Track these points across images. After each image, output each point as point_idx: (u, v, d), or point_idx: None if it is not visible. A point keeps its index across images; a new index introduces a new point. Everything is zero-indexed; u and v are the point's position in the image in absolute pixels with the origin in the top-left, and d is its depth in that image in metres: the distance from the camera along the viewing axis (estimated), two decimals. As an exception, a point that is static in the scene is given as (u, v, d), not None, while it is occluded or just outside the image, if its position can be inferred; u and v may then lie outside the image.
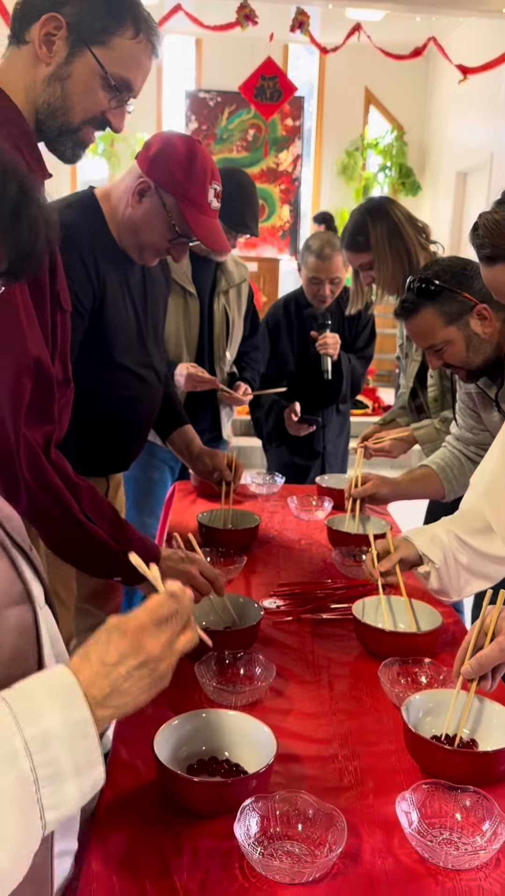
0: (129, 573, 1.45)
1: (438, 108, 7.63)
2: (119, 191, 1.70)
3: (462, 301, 1.71)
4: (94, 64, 1.29)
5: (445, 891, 0.91)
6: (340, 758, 1.16)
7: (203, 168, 1.63)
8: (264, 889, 0.90)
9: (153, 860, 0.93)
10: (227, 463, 2.21)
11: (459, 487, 1.99)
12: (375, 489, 2.03)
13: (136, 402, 1.86)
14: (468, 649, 1.14)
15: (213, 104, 7.59)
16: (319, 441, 3.06)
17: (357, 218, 2.28)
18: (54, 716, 0.72)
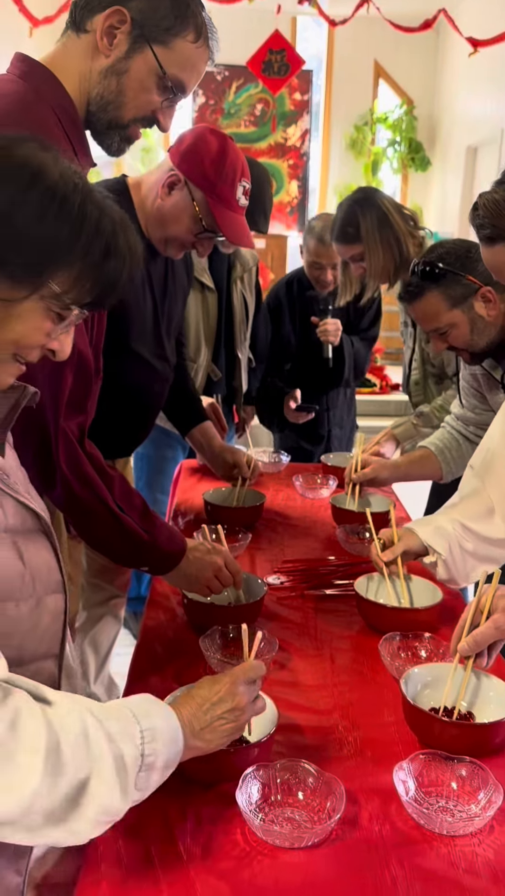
0: (155, 564, 1.47)
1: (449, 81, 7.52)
2: (150, 182, 1.71)
3: (466, 284, 1.71)
4: (154, 62, 1.28)
5: (439, 856, 0.94)
6: (341, 728, 1.19)
7: (234, 165, 1.64)
8: (265, 853, 0.93)
9: (158, 826, 0.96)
10: (246, 461, 2.24)
11: (456, 469, 2.01)
12: (374, 473, 2.05)
13: (147, 391, 1.88)
14: (465, 627, 1.16)
15: (220, 78, 7.51)
16: (323, 425, 3.07)
17: (346, 210, 2.29)
18: (159, 718, 0.87)
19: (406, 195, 7.98)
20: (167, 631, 1.49)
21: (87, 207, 0.85)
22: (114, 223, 0.87)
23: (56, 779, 0.76)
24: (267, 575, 1.73)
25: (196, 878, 0.89)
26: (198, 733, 0.93)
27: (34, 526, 0.96)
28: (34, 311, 0.84)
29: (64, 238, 0.83)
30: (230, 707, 0.96)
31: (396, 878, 0.90)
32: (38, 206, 0.81)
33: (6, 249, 0.80)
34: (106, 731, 0.81)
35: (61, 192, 0.83)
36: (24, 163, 0.83)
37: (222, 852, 0.93)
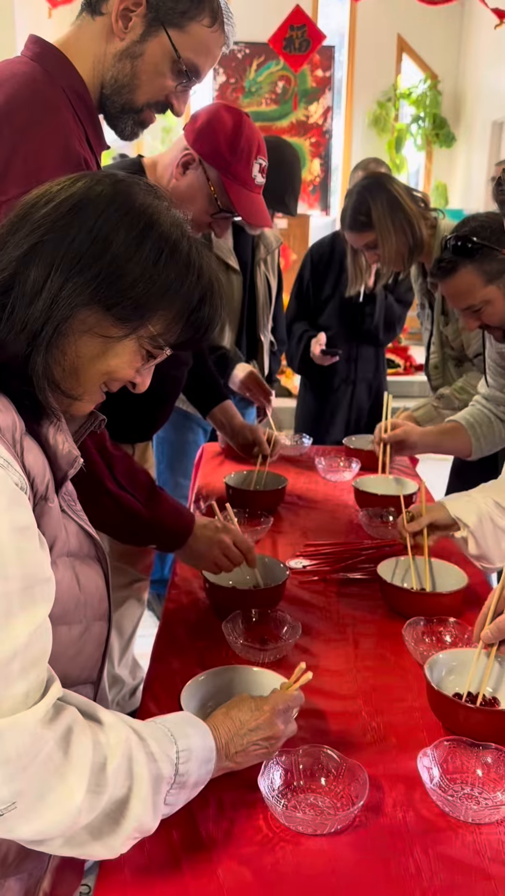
0: (162, 541, 1.47)
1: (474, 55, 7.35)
2: (165, 161, 1.69)
3: (502, 259, 1.66)
4: (169, 46, 1.27)
5: (464, 843, 0.93)
6: (364, 714, 1.18)
7: (249, 142, 1.61)
8: (288, 839, 0.93)
9: (181, 812, 0.95)
10: (266, 439, 2.23)
11: (486, 446, 1.97)
12: (405, 435, 2.03)
13: (164, 376, 1.85)
14: (488, 613, 1.14)
15: (241, 56, 7.40)
16: (349, 375, 3.09)
17: (356, 197, 2.25)
18: (196, 739, 0.89)
19: (430, 172, 7.85)
20: (189, 614, 1.49)
21: (193, 255, 0.89)
22: (211, 272, 0.92)
23: (98, 797, 0.78)
24: (289, 559, 1.72)
25: (218, 864, 0.89)
26: (232, 756, 0.95)
27: (90, 552, 0.99)
28: (130, 349, 0.88)
29: (171, 284, 0.87)
30: (267, 735, 0.98)
31: (420, 866, 0.89)
32: (152, 253, 0.85)
33: (118, 292, 0.83)
34: (147, 750, 0.84)
35: (173, 240, 0.87)
36: (142, 210, 0.86)
37: (245, 838, 0.93)
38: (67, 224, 0.82)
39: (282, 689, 1.05)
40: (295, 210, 2.57)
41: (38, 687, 0.77)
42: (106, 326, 0.85)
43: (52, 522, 0.87)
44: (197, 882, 0.86)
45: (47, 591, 0.79)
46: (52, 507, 0.86)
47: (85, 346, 0.85)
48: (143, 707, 1.19)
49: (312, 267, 3.04)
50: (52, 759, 0.75)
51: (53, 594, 0.81)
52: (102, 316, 0.84)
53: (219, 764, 0.92)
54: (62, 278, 0.81)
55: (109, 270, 0.82)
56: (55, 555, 0.88)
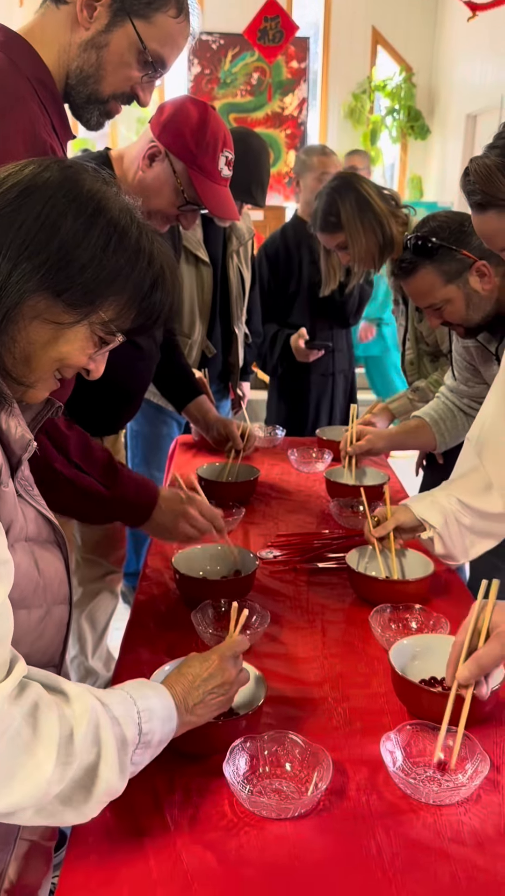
0: (126, 517, 1.48)
1: (448, 48, 7.37)
2: (132, 154, 1.68)
3: (461, 259, 1.68)
4: (134, 37, 1.27)
5: (425, 825, 0.95)
6: (330, 700, 1.19)
7: (215, 135, 1.61)
8: (252, 824, 0.94)
9: (146, 798, 0.97)
10: (241, 433, 2.23)
11: (450, 439, 2.01)
12: (369, 445, 2.05)
13: (129, 369, 1.86)
14: (462, 650, 1.06)
15: (215, 47, 7.36)
16: (329, 366, 3.11)
17: (325, 198, 2.26)
18: (154, 700, 0.91)
19: (406, 164, 7.87)
20: (159, 605, 1.49)
21: (143, 241, 0.90)
22: (163, 257, 0.92)
23: (67, 767, 0.79)
24: (260, 549, 1.73)
25: (183, 849, 0.90)
26: (191, 709, 0.96)
27: (49, 537, 0.99)
28: (81, 335, 0.89)
29: (121, 269, 0.87)
30: (220, 682, 1.00)
31: (382, 847, 0.91)
32: (101, 238, 0.85)
33: (67, 277, 0.84)
34: (111, 714, 0.85)
35: (122, 226, 0.87)
36: (90, 195, 0.86)
37: (210, 823, 0.94)
38: (15, 210, 0.82)
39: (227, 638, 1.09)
40: (263, 201, 2.57)
41: (3, 666, 0.78)
42: (56, 313, 0.85)
43: (8, 507, 0.87)
44: (161, 867, 0.87)
45: (4, 572, 0.80)
46: (6, 491, 0.86)
47: (36, 333, 0.85)
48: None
49: (269, 265, 3.05)
50: (21, 736, 0.76)
51: (12, 576, 0.82)
52: (52, 302, 0.84)
53: (181, 719, 0.94)
54: (10, 265, 0.81)
55: (58, 256, 0.83)
56: (12, 539, 0.89)
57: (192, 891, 0.84)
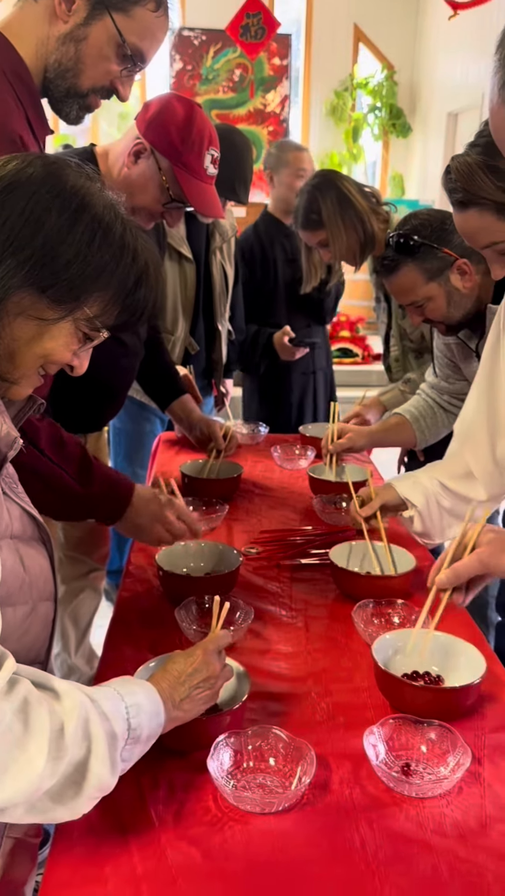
0: (99, 514, 1.47)
1: (429, 46, 7.40)
2: (117, 150, 1.68)
3: (442, 257, 1.70)
4: (113, 30, 1.27)
5: (408, 817, 0.95)
6: (314, 695, 1.20)
7: (201, 133, 1.60)
8: (237, 819, 0.94)
9: (131, 794, 0.97)
10: (223, 433, 2.24)
11: (430, 436, 2.03)
12: (350, 443, 2.07)
13: (113, 366, 1.85)
14: (445, 560, 1.14)
15: (197, 43, 7.35)
16: (310, 364, 3.12)
17: (307, 196, 2.28)
18: (141, 696, 0.91)
19: (387, 162, 7.90)
20: (143, 602, 1.49)
21: (127, 237, 0.90)
22: (147, 253, 0.93)
23: (59, 762, 0.79)
24: (244, 546, 1.73)
25: (167, 844, 0.90)
26: (178, 704, 0.96)
27: (34, 534, 0.99)
28: (66, 331, 0.89)
29: (105, 265, 0.87)
30: (205, 676, 1.01)
31: (365, 840, 0.91)
32: (85, 234, 0.85)
33: (52, 274, 0.84)
34: (100, 710, 0.85)
35: (106, 222, 0.87)
36: (74, 191, 0.86)
37: (194, 818, 0.94)
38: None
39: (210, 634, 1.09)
40: (246, 198, 2.57)
41: None
42: (41, 309, 0.85)
43: None
44: (146, 863, 0.87)
45: None
46: None
47: (20, 329, 0.85)
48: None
49: (244, 263, 3.05)
50: (12, 731, 0.76)
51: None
52: (37, 298, 0.84)
53: (168, 715, 0.94)
54: None
55: (42, 252, 0.83)
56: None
57: (176, 886, 0.84)
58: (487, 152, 1.19)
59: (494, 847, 0.91)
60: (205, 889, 0.84)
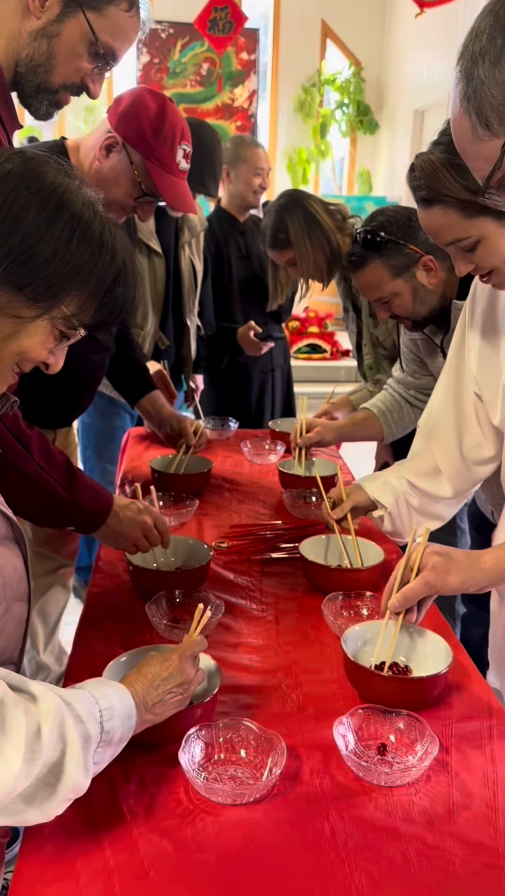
0: (81, 522, 1.47)
1: (396, 43, 7.45)
2: (88, 144, 1.66)
3: (408, 253, 1.72)
4: (86, 28, 1.27)
5: (377, 806, 0.97)
6: (284, 687, 1.21)
7: (173, 127, 1.60)
8: (208, 810, 0.95)
9: (102, 789, 0.97)
10: (193, 429, 2.24)
11: (397, 430, 2.06)
12: (318, 437, 2.08)
13: (84, 361, 1.84)
14: (395, 584, 1.18)
15: (165, 36, 7.30)
16: (268, 362, 3.14)
17: (273, 216, 2.31)
18: (115, 698, 0.92)
19: (355, 158, 7.93)
20: (113, 597, 1.49)
21: (106, 235, 0.89)
22: (125, 252, 0.92)
23: (34, 763, 0.79)
24: (214, 540, 1.73)
25: (139, 837, 0.90)
26: (150, 708, 0.97)
27: (7, 534, 0.99)
28: (42, 329, 0.88)
29: (84, 264, 0.87)
30: (179, 682, 1.01)
31: (335, 829, 0.93)
32: (64, 232, 0.84)
33: (30, 272, 0.83)
34: (74, 713, 0.85)
35: (85, 220, 0.87)
36: (53, 188, 0.85)
37: (165, 811, 0.95)
38: None
39: (187, 638, 1.09)
40: (216, 191, 2.58)
41: None
42: (18, 307, 0.84)
43: None
44: (117, 856, 0.87)
45: None
46: None
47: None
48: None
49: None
50: None
51: None
52: (14, 296, 0.83)
53: (140, 718, 0.95)
54: None
55: (20, 250, 0.82)
56: None
57: (148, 878, 0.85)
58: (451, 150, 1.20)
59: (460, 833, 0.93)
60: (177, 880, 0.85)
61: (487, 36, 0.76)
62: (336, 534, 1.58)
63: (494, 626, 1.49)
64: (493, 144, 0.79)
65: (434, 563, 1.13)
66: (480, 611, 1.66)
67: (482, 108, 0.77)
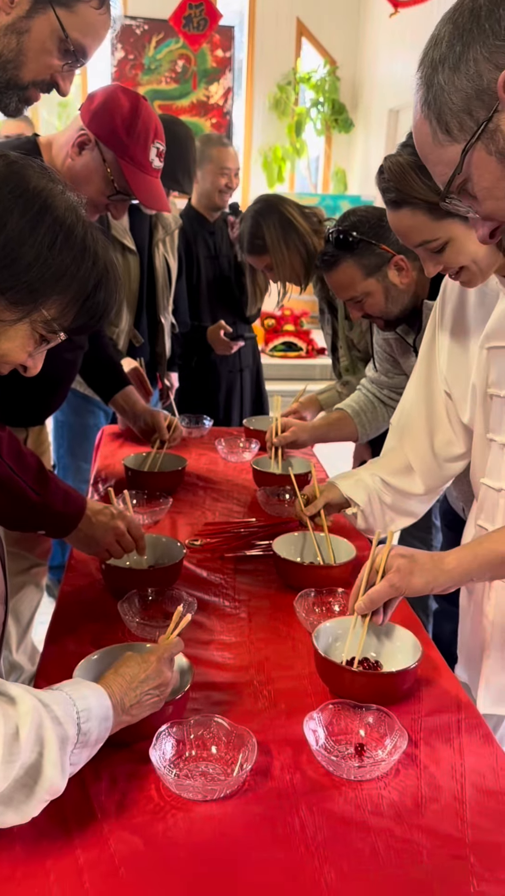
0: (52, 526, 1.46)
1: (371, 43, 7.48)
2: (61, 141, 1.65)
3: (380, 253, 1.73)
4: (56, 25, 1.26)
5: (347, 800, 0.98)
6: (256, 683, 1.22)
7: (146, 125, 1.59)
8: (179, 807, 0.95)
9: (73, 787, 0.96)
10: (167, 424, 2.23)
11: (371, 430, 2.08)
12: (294, 436, 2.09)
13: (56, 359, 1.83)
14: (361, 586, 1.19)
15: (139, 32, 7.26)
16: (236, 362, 3.14)
17: (250, 222, 2.33)
18: (93, 699, 0.92)
19: (330, 157, 7.95)
20: (85, 596, 1.49)
21: (88, 240, 0.90)
22: (107, 256, 0.93)
23: (11, 765, 0.80)
24: (187, 538, 1.74)
25: (110, 834, 0.90)
26: (127, 709, 0.98)
27: None
28: (22, 333, 0.88)
29: (66, 269, 0.87)
30: (157, 684, 1.02)
31: (305, 823, 0.93)
32: (47, 237, 0.85)
33: (12, 276, 0.83)
34: (52, 715, 0.86)
35: (68, 224, 0.87)
36: (36, 192, 0.85)
37: (136, 808, 0.95)
38: None
39: (162, 639, 1.10)
40: (190, 188, 2.58)
41: None
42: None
43: None
44: (88, 854, 0.88)
45: None
46: None
47: None
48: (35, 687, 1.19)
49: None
50: None
51: None
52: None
53: (117, 719, 0.95)
54: None
55: (2, 254, 0.82)
56: None
57: (118, 875, 0.85)
58: None
59: (428, 825, 0.94)
60: (147, 876, 0.85)
61: (447, 43, 0.77)
62: (309, 531, 1.59)
63: (463, 621, 1.51)
64: (453, 149, 0.80)
65: (398, 565, 1.14)
66: (451, 606, 1.68)
67: (442, 113, 0.79)
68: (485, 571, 1.14)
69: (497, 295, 1.30)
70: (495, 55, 0.73)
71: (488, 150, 0.77)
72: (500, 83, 0.73)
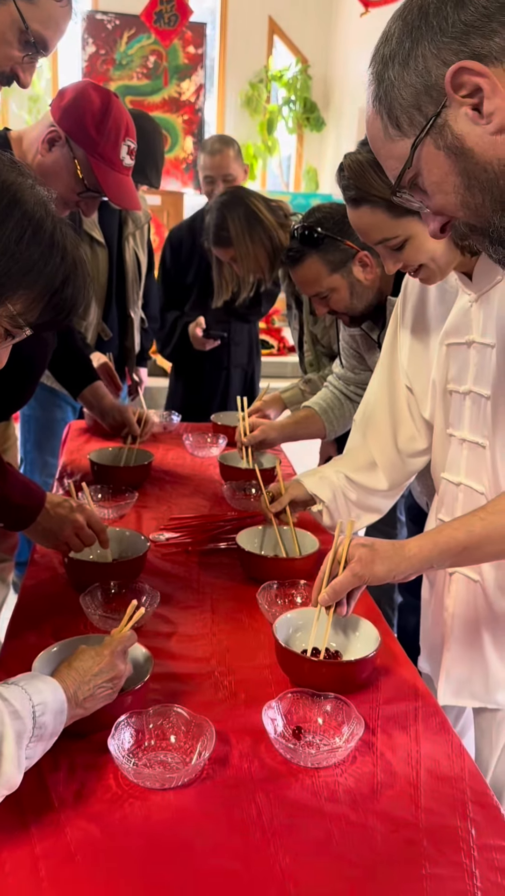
0: (9, 518, 1.45)
1: (343, 42, 7.51)
2: (31, 136, 1.64)
3: (344, 249, 1.75)
4: (17, 15, 1.26)
5: (304, 787, 0.99)
6: (217, 674, 1.22)
7: (117, 123, 1.58)
8: (136, 796, 0.96)
9: (31, 777, 0.96)
10: (137, 418, 2.23)
11: (339, 427, 2.09)
12: (263, 435, 2.10)
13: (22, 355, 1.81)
14: (324, 578, 1.19)
15: (111, 27, 7.23)
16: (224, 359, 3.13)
17: (215, 214, 2.34)
18: (49, 693, 0.93)
19: (302, 156, 7.98)
20: (47, 589, 1.48)
21: (57, 235, 0.89)
22: (76, 252, 0.92)
23: None
24: (152, 533, 1.74)
25: (67, 823, 0.91)
26: (81, 702, 0.99)
27: None
28: None
29: (34, 263, 0.86)
30: (110, 677, 1.03)
31: (262, 810, 0.95)
32: (15, 231, 0.84)
33: None
34: (11, 709, 0.86)
35: (37, 219, 0.86)
36: (5, 187, 0.84)
37: (94, 797, 0.95)
38: None
39: (116, 632, 1.10)
40: (158, 182, 2.58)
41: None
42: None
43: None
44: (44, 842, 0.88)
45: None
46: None
47: None
48: (-4, 682, 1.19)
49: (172, 253, 3.04)
50: None
51: None
52: None
53: (70, 712, 0.96)
54: None
55: None
56: None
57: (74, 862, 0.86)
58: None
59: (383, 810, 0.96)
60: (103, 863, 0.86)
61: (396, 39, 0.78)
62: (274, 527, 1.60)
63: (425, 613, 1.53)
64: (403, 144, 0.81)
65: (360, 554, 1.15)
66: (416, 600, 1.70)
67: (393, 108, 0.80)
68: (445, 558, 1.15)
69: (456, 292, 1.32)
70: (443, 52, 0.74)
71: (437, 144, 0.78)
72: (447, 79, 0.74)
